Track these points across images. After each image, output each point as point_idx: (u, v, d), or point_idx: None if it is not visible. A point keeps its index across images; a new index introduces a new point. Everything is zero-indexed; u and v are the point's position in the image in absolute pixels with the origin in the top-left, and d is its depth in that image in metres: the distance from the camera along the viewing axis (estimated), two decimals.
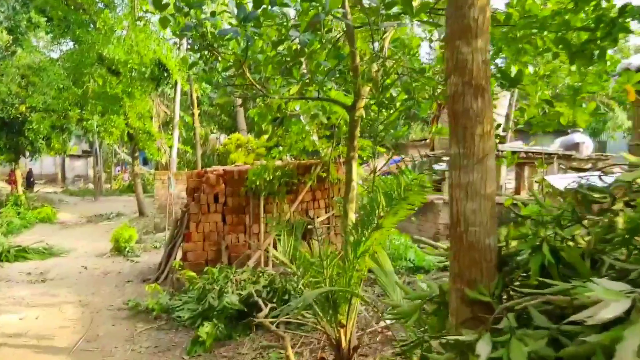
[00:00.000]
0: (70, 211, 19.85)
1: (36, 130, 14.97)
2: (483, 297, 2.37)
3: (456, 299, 2.48)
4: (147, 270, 8.65)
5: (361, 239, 3.75)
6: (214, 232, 7.62)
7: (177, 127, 14.60)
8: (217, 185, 7.62)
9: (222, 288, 5.70)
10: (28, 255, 9.68)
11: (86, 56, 13.59)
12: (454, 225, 2.50)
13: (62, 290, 7.26)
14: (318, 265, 3.55)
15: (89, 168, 37.02)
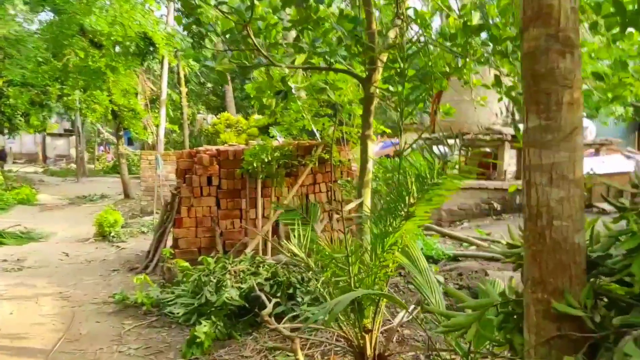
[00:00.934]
0: (51, 192, 19.07)
1: (13, 105, 14.15)
2: (574, 310, 1.87)
3: (536, 312, 1.98)
4: (135, 257, 8.09)
5: (388, 230, 3.24)
6: (207, 217, 7.07)
7: (164, 105, 13.88)
8: (210, 167, 7.05)
9: (219, 280, 5.18)
10: (3, 240, 9.05)
11: (66, 27, 12.75)
12: (532, 218, 1.99)
13: (40, 280, 6.68)
14: (342, 262, 3.03)
15: (71, 147, 35.96)
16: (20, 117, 17.75)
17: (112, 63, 12.92)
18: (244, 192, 7.17)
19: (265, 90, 5.92)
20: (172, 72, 17.43)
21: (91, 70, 13.00)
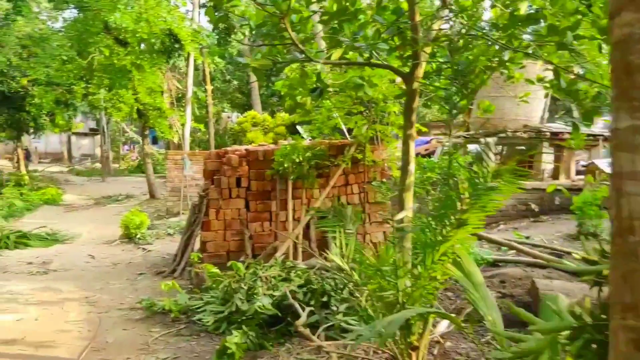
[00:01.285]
0: (77, 192, 19.38)
1: (39, 105, 14.36)
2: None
3: (627, 341, 1.75)
4: (161, 260, 8.05)
5: (437, 239, 3.03)
6: (236, 219, 6.97)
7: (190, 103, 13.89)
8: (239, 167, 6.94)
9: (250, 287, 5.04)
10: (29, 241, 9.14)
11: (91, 24, 12.86)
12: (623, 232, 1.76)
13: (66, 284, 6.68)
14: (389, 274, 2.84)
15: (96, 147, 36.62)
16: (46, 116, 18.05)
17: (138, 61, 12.99)
18: (274, 194, 7.04)
19: (297, 88, 5.77)
20: (197, 69, 17.47)
21: (116, 68, 13.09)
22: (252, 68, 3.72)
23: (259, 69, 3.74)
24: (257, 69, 3.73)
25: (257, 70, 3.73)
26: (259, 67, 3.73)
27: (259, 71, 3.75)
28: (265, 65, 3.78)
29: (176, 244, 9.06)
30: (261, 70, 3.77)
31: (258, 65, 3.71)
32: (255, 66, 3.70)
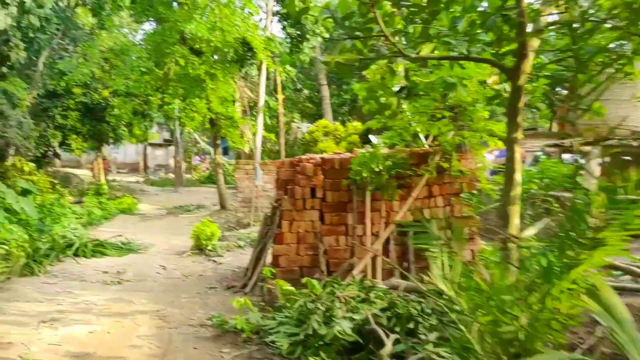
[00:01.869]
0: (151, 202, 20.04)
1: (118, 116, 14.95)
2: None
3: None
4: (232, 274, 7.88)
5: (565, 264, 2.51)
6: (310, 232, 6.64)
7: (262, 112, 13.89)
8: (314, 177, 6.63)
9: (328, 309, 4.67)
10: (105, 250, 9.32)
11: (168, 35, 13.20)
12: None
13: (138, 295, 6.62)
14: (509, 304, 2.35)
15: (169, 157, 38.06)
16: (124, 127, 18.86)
17: (212, 70, 13.16)
18: (351, 206, 6.66)
19: (377, 90, 5.39)
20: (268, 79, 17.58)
21: (191, 78, 13.34)
22: (336, 64, 3.37)
23: (344, 64, 3.38)
24: (343, 64, 3.37)
25: (342, 66, 3.38)
26: (344, 62, 3.37)
27: (345, 67, 3.39)
28: (352, 60, 3.41)
29: (247, 257, 8.89)
30: (347, 65, 3.40)
31: (343, 60, 3.35)
32: (341, 61, 3.34)
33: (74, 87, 17.81)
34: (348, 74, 3.42)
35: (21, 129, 16.88)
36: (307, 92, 22.30)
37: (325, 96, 20.29)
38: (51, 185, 15.37)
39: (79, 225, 11.65)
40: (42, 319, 5.42)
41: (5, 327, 5.12)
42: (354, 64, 3.44)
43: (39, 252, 8.26)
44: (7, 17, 12.65)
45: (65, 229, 10.60)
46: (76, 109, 18.45)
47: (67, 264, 8.56)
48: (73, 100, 18.30)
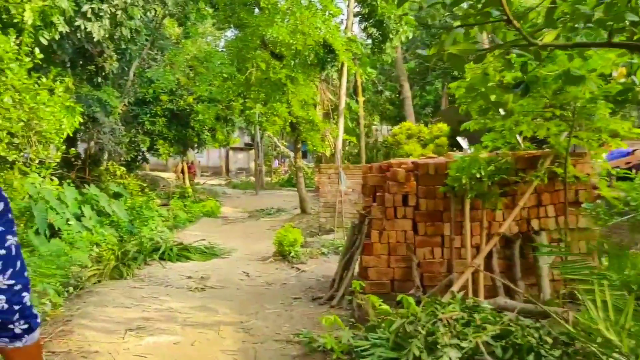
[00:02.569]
0: (233, 205, 20.27)
1: (202, 121, 15.16)
2: None
3: None
4: (316, 284, 7.49)
5: None
6: (401, 243, 6.10)
7: (343, 115, 13.49)
8: (406, 183, 6.08)
9: (430, 333, 4.11)
10: (190, 254, 9.28)
11: (249, 40, 13.15)
12: None
13: (221, 304, 6.39)
14: None
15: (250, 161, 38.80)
16: (207, 131, 19.22)
17: (292, 74, 12.95)
18: (447, 215, 6.04)
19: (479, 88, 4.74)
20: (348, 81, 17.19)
21: (272, 82, 13.21)
22: (448, 56, 2.82)
23: (457, 56, 2.82)
24: (456, 56, 2.81)
25: (456, 58, 2.82)
26: (458, 54, 2.81)
27: (458, 59, 2.84)
28: (468, 50, 2.84)
29: (331, 266, 8.49)
30: (460, 57, 2.84)
31: (457, 51, 2.79)
32: (454, 52, 2.79)
33: (161, 94, 18.39)
34: (461, 66, 2.87)
35: (114, 135, 17.63)
36: (388, 94, 21.68)
37: (407, 97, 19.58)
38: (140, 188, 15.85)
39: (165, 228, 11.81)
40: (129, 327, 5.28)
41: (94, 334, 5.02)
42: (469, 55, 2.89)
43: (127, 255, 8.33)
44: (100, 29, 13.14)
45: (152, 232, 10.75)
46: (163, 115, 19.05)
47: (154, 268, 8.56)
48: (160, 107, 18.91)
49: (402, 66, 20.13)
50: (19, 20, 10.37)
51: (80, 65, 17.48)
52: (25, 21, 10.56)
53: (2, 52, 9.02)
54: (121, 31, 15.80)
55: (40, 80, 9.73)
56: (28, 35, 10.39)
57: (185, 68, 17.85)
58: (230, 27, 15.71)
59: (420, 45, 21.30)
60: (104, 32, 13.25)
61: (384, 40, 13.47)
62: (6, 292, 1.41)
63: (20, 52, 9.37)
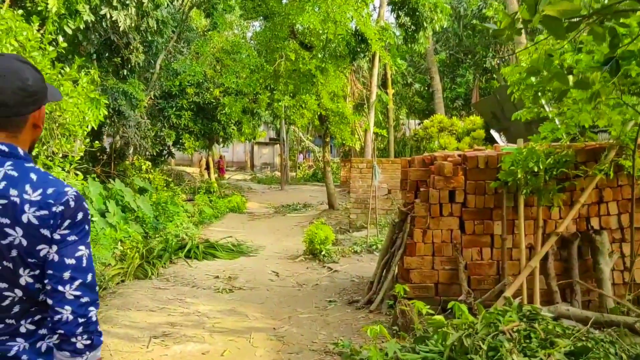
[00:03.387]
0: (258, 200, 19.93)
1: (228, 114, 14.77)
2: None
3: None
4: (350, 285, 7.02)
5: None
6: (447, 243, 5.58)
7: (374, 108, 12.94)
8: (453, 178, 5.54)
9: (491, 347, 3.59)
10: (216, 252, 8.90)
11: (279, 30, 12.69)
12: None
13: (251, 307, 5.97)
14: None
15: (275, 155, 38.49)
16: (234, 125, 18.88)
17: (322, 65, 12.46)
18: (498, 213, 5.49)
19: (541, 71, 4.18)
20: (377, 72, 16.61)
21: (301, 73, 12.74)
22: (545, 19, 2.28)
23: (556, 19, 2.28)
24: (554, 18, 2.28)
25: (553, 21, 2.29)
26: (557, 16, 2.27)
27: (556, 22, 2.30)
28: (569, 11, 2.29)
29: (364, 265, 8.02)
30: (559, 20, 2.30)
31: (556, 13, 2.26)
32: (552, 14, 2.25)
33: (188, 87, 18.09)
34: (560, 32, 2.33)
35: (139, 129, 17.43)
36: (417, 86, 20.99)
37: (437, 90, 18.88)
38: (165, 183, 15.60)
39: (191, 224, 11.49)
40: (154, 333, 4.89)
41: (116, 341, 4.64)
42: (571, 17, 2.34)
43: (152, 253, 8.00)
44: (127, 17, 12.83)
45: (178, 228, 10.43)
46: (189, 108, 18.76)
47: (179, 267, 8.21)
48: (186, 100, 18.62)
49: (432, 57, 19.43)
50: (42, 8, 10.08)
51: (106, 57, 17.32)
52: (50, 9, 10.27)
53: (25, 40, 8.76)
54: (147, 22, 15.53)
55: (64, 70, 9.47)
56: (52, 24, 10.14)
57: (212, 60, 17.51)
58: (258, 17, 15.25)
59: (451, 37, 20.59)
60: (130, 21, 12.94)
61: (418, 29, 12.85)
62: (72, 303, 1.38)
63: (44, 40, 9.11)
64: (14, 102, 1.40)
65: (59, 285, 1.38)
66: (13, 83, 1.39)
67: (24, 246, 1.36)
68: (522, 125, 11.84)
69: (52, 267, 1.38)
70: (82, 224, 1.44)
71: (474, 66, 20.44)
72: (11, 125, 1.43)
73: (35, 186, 1.40)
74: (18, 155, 1.43)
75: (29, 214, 1.36)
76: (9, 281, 1.38)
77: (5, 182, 1.38)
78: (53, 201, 1.39)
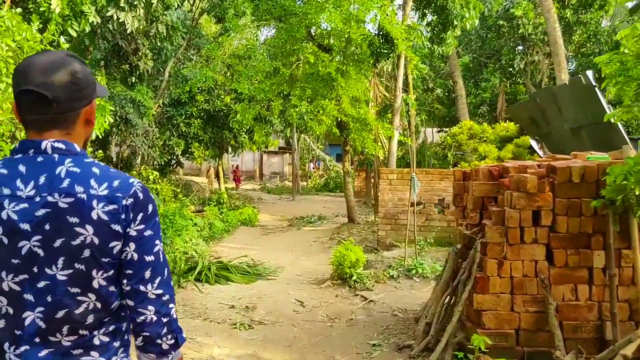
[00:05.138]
0: (270, 211, 18.62)
1: (240, 122, 13.53)
2: None
3: None
4: (393, 321, 5.69)
5: None
6: (531, 278, 4.26)
7: (399, 113, 11.65)
8: (538, 195, 4.23)
9: None
10: (230, 275, 7.60)
11: (296, 30, 11.46)
12: None
13: (277, 352, 4.69)
14: None
15: (284, 165, 37.23)
16: (245, 133, 17.65)
17: (343, 67, 11.22)
18: (598, 239, 4.17)
19: None
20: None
21: (319, 76, 11.50)
22: None
23: None
24: None
25: None
26: None
27: None
28: None
29: (404, 293, 6.70)
30: None
31: None
32: None
33: (197, 93, 16.94)
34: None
35: (147, 137, 16.25)
36: (439, 92, 19.67)
37: (460, 95, 17.59)
38: (174, 194, 14.37)
39: (201, 239, 10.21)
40: None
41: None
42: None
43: None
44: (134, 19, 11.58)
45: (187, 245, 9.17)
46: (198, 116, 17.59)
47: (189, 292, 6.93)
48: (196, 107, 17.45)
49: (456, 61, 18.17)
50: (45, 9, 8.82)
51: (114, 64, 16.20)
52: (53, 9, 9.00)
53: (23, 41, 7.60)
54: (157, 27, 14.39)
55: None
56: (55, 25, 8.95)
57: (222, 67, 16.33)
58: (271, 20, 14.02)
59: (473, 39, 19.34)
60: (138, 24, 11.69)
61: (446, 29, 11.59)
62: (155, 303, 1.35)
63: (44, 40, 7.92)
64: (66, 97, 1.32)
65: (140, 285, 1.33)
66: (63, 77, 1.32)
67: (96, 245, 1.29)
68: (569, 132, 10.52)
69: (132, 266, 1.33)
70: (154, 217, 1.38)
71: (500, 70, 19.11)
72: (65, 121, 1.36)
73: (100, 180, 1.33)
74: (76, 151, 1.36)
75: (98, 210, 1.29)
76: (82, 285, 1.29)
77: (69, 180, 1.30)
78: (121, 194, 1.32)
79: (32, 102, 1.30)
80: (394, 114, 11.60)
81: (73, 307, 1.28)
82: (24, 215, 1.26)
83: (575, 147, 9.96)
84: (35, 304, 1.27)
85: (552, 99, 10.33)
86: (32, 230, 1.26)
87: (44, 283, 1.27)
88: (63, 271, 1.27)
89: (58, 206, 1.26)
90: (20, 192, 1.27)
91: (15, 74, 1.32)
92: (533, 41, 18.15)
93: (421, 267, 7.31)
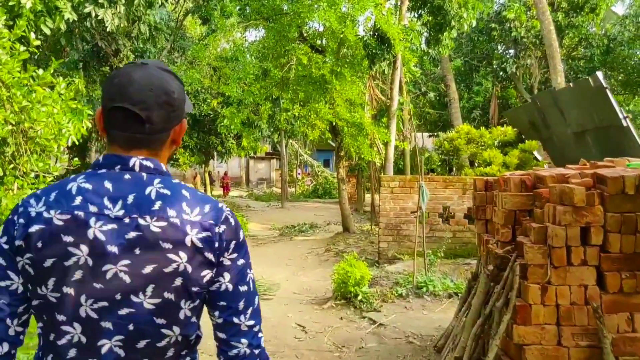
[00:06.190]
0: (259, 220, 17.89)
1: (227, 126, 12.82)
2: None
3: None
4: (410, 350, 5.05)
5: None
6: (580, 306, 3.64)
7: (395, 117, 11.06)
8: (587, 209, 3.62)
9: None
10: None
11: (287, 30, 10.81)
12: None
13: None
14: None
15: (271, 170, 36.49)
16: (232, 139, 16.93)
17: (337, 69, 10.59)
18: None
19: None
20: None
21: (312, 79, 10.86)
22: None
23: None
24: None
25: None
26: None
27: None
28: None
29: (416, 315, 6.07)
30: None
31: None
32: None
33: None
34: None
35: None
36: (433, 95, 19.16)
37: (453, 99, 17.13)
38: None
39: None
40: None
41: None
42: None
43: None
44: (114, 17, 10.78)
45: None
46: None
47: None
48: None
49: (448, 64, 17.70)
50: (15, 3, 7.98)
51: (93, 66, 15.39)
52: (23, 4, 8.16)
53: None
54: (139, 28, 13.63)
55: (36, 73, 7.45)
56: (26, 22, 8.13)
57: (209, 70, 15.62)
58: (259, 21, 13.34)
59: (464, 42, 18.90)
60: (119, 22, 10.90)
61: (442, 30, 11.06)
62: (247, 335, 1.27)
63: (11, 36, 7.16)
64: (160, 119, 1.23)
65: (233, 317, 1.26)
66: (160, 97, 1.22)
67: (189, 273, 1.19)
68: (572, 136, 10.02)
69: (226, 297, 1.25)
70: (245, 244, 1.31)
71: (492, 73, 18.69)
72: (153, 142, 1.26)
73: (192, 205, 1.22)
74: (163, 171, 1.27)
75: (192, 237, 1.19)
76: (169, 316, 1.19)
77: (161, 202, 1.20)
78: (214, 221, 1.23)
79: (125, 119, 1.21)
80: (391, 118, 10.99)
81: (156, 339, 1.19)
82: (113, 237, 1.16)
83: (578, 152, 9.47)
84: (114, 332, 1.17)
85: (553, 102, 9.85)
86: (120, 253, 1.16)
87: (127, 310, 1.17)
88: (151, 299, 1.17)
89: (150, 230, 1.17)
90: (108, 210, 1.18)
91: (109, 86, 1.23)
92: (525, 44, 17.82)
93: (432, 284, 6.68)
